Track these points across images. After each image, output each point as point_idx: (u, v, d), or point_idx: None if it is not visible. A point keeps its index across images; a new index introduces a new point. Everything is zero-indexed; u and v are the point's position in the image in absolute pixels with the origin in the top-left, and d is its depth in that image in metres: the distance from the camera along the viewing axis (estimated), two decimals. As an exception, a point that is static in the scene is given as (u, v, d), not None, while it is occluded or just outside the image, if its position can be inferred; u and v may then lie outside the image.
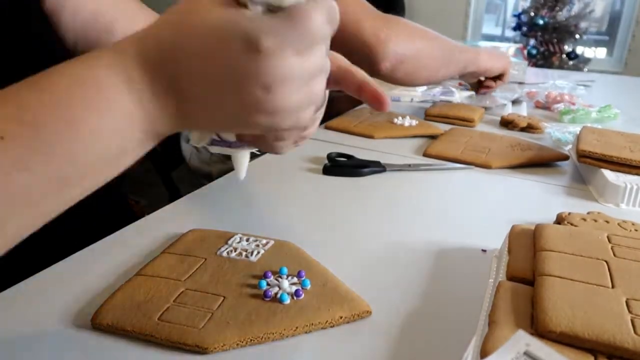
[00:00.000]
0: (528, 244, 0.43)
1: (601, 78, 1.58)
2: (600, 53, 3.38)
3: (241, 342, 0.35)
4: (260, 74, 0.28)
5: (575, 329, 0.31)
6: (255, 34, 0.27)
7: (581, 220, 0.50)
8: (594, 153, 0.65)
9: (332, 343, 0.36)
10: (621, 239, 0.42)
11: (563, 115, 1.01)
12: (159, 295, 0.39)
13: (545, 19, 2.97)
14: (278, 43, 0.27)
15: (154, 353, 0.35)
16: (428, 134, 0.87)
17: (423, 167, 0.71)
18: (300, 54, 0.29)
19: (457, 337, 0.37)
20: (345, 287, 0.40)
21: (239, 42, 0.27)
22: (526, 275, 0.39)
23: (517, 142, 0.80)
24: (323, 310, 0.38)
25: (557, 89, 1.22)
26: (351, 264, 0.46)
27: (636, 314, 0.33)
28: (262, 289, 0.39)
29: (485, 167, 0.72)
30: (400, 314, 0.39)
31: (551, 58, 3.01)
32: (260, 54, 0.27)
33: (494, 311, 0.35)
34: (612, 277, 0.36)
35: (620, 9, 3.25)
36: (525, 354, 0.29)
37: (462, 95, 1.14)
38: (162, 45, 0.29)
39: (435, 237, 0.52)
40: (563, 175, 0.71)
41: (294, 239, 0.48)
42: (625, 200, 0.61)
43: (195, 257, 0.44)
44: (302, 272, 0.41)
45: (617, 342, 0.30)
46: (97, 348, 0.35)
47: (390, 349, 0.36)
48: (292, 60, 0.28)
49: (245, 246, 0.46)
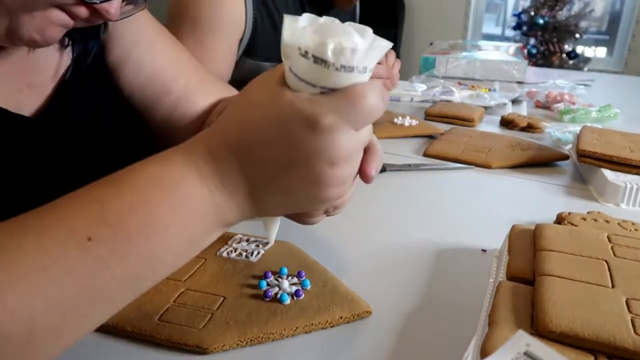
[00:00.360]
0: (528, 244, 0.43)
1: (601, 77, 1.58)
2: (600, 52, 3.38)
3: (241, 342, 0.35)
4: (323, 150, 0.29)
5: (575, 329, 0.31)
6: (314, 113, 0.28)
7: (581, 220, 0.50)
8: (594, 153, 0.65)
9: (332, 343, 0.36)
10: (621, 238, 0.42)
11: (563, 115, 1.01)
12: (159, 296, 0.39)
13: (546, 19, 2.97)
14: (337, 120, 0.28)
15: (154, 353, 0.35)
16: (428, 134, 0.87)
17: (423, 167, 0.71)
18: (357, 129, 0.30)
19: (457, 337, 0.37)
20: (345, 287, 0.40)
21: (300, 122, 0.28)
22: (526, 275, 0.39)
23: (517, 142, 0.80)
24: (323, 311, 0.38)
25: (557, 88, 1.22)
26: (351, 264, 0.46)
27: (636, 313, 0.33)
28: (262, 289, 0.39)
29: (485, 167, 0.72)
30: (400, 314, 0.39)
31: (551, 57, 3.01)
32: (322, 131, 0.28)
33: (494, 311, 0.35)
34: (612, 277, 0.36)
35: (620, 9, 3.25)
36: (526, 354, 0.29)
37: (462, 94, 1.14)
38: (227, 140, 0.31)
39: (435, 237, 0.52)
40: (563, 175, 0.71)
41: (294, 239, 0.48)
42: (625, 200, 0.61)
43: (196, 258, 0.44)
44: (302, 273, 0.41)
45: (617, 342, 0.30)
46: (97, 348, 0.35)
47: (390, 349, 0.36)
48: (351, 135, 0.30)
49: (245, 246, 0.46)
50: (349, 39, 0.28)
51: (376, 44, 0.29)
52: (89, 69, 0.52)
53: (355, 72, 0.28)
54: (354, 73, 0.28)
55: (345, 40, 0.28)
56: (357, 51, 0.27)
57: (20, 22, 0.39)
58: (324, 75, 0.28)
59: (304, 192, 0.31)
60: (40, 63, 0.49)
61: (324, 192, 0.31)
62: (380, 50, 0.29)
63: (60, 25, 0.41)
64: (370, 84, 0.30)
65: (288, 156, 0.29)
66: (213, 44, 0.83)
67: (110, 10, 0.41)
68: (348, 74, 0.28)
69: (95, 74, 0.54)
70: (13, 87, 0.47)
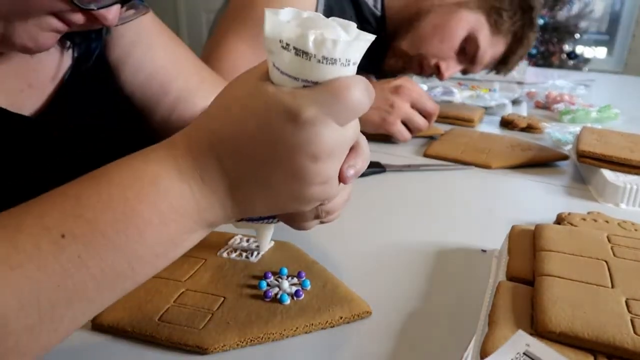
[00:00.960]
0: (528, 244, 0.43)
1: (601, 78, 1.58)
2: (600, 53, 3.38)
3: (241, 342, 0.35)
4: (305, 144, 0.28)
5: (575, 329, 0.31)
6: (296, 105, 0.27)
7: (581, 220, 0.50)
8: (593, 153, 0.65)
9: (332, 343, 0.36)
10: (621, 239, 0.42)
11: (563, 115, 1.01)
12: (159, 296, 0.39)
13: (545, 19, 2.97)
14: (318, 113, 0.28)
15: (154, 354, 0.35)
16: (428, 134, 0.87)
17: (423, 168, 0.71)
18: (341, 124, 0.29)
19: (457, 337, 0.37)
20: (345, 288, 0.40)
21: (280, 115, 0.28)
22: (526, 276, 0.39)
23: (517, 142, 0.80)
24: (323, 311, 0.38)
25: (557, 88, 1.23)
26: (351, 264, 0.46)
27: (636, 313, 0.33)
28: (262, 290, 0.39)
29: (485, 167, 0.72)
30: (400, 314, 0.39)
31: (551, 58, 3.01)
32: (303, 124, 0.28)
33: (494, 311, 0.35)
34: (611, 277, 0.37)
35: (620, 9, 3.25)
36: (525, 354, 0.29)
37: (463, 95, 1.14)
38: (208, 135, 0.30)
39: (435, 237, 0.52)
40: (563, 175, 0.71)
41: (294, 240, 0.48)
42: (625, 200, 0.61)
43: (196, 258, 0.44)
44: (302, 273, 0.41)
45: (617, 342, 0.30)
46: (98, 349, 0.35)
47: (390, 349, 0.36)
48: (335, 129, 0.29)
49: (246, 247, 0.46)
50: (332, 31, 0.27)
51: (360, 37, 0.28)
52: (90, 69, 0.52)
53: (338, 64, 0.28)
54: (337, 66, 0.28)
55: (328, 32, 0.27)
56: (338, 42, 0.27)
57: (13, 28, 0.38)
58: (306, 68, 0.28)
59: (287, 188, 0.30)
60: (41, 63, 0.49)
61: (307, 189, 0.30)
62: (364, 43, 0.28)
63: (54, 32, 0.40)
64: (355, 77, 0.29)
65: (269, 150, 0.29)
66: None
67: (108, 16, 0.40)
68: (331, 67, 0.28)
69: (96, 75, 0.54)
70: (14, 87, 0.47)
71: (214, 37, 0.87)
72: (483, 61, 0.99)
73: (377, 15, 0.99)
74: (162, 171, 0.29)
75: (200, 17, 3.54)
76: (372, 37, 0.28)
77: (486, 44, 0.96)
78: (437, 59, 0.98)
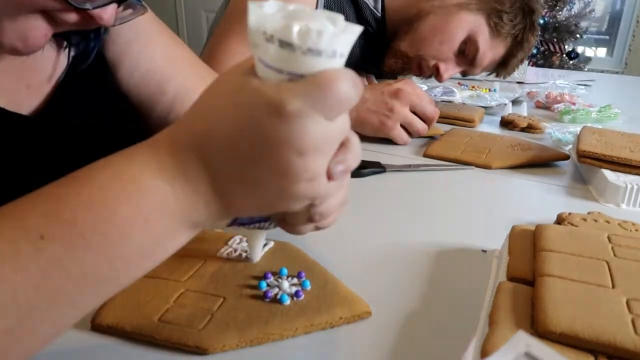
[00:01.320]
0: (528, 244, 0.43)
1: (601, 78, 1.58)
2: (601, 52, 3.39)
3: (241, 343, 0.35)
4: (290, 138, 0.27)
5: (575, 330, 0.31)
6: (279, 98, 0.26)
7: (581, 221, 0.50)
8: (594, 153, 0.65)
9: (332, 344, 0.36)
10: (621, 239, 0.42)
11: (563, 115, 1.01)
12: (159, 297, 0.39)
13: (546, 19, 2.97)
14: (303, 106, 0.26)
15: (154, 354, 0.35)
16: (428, 135, 0.87)
17: (423, 168, 0.71)
18: (328, 118, 0.28)
19: (457, 337, 0.37)
20: (345, 288, 0.40)
21: (264, 109, 0.27)
22: (526, 276, 0.39)
23: (517, 142, 0.80)
24: (323, 311, 0.37)
25: (557, 88, 1.23)
26: (351, 265, 0.46)
27: (636, 314, 0.32)
28: (262, 290, 0.39)
29: (485, 168, 0.72)
30: (400, 314, 0.39)
31: (551, 57, 3.01)
32: (287, 117, 0.26)
33: (494, 311, 0.35)
34: (612, 277, 0.36)
35: (621, 9, 3.26)
36: (526, 354, 0.29)
37: (463, 95, 1.14)
38: (191, 131, 0.29)
39: (435, 237, 0.52)
40: (563, 175, 0.71)
41: (294, 240, 0.47)
42: (625, 200, 0.61)
43: (195, 258, 0.44)
44: (302, 273, 0.41)
45: (618, 343, 0.30)
46: (97, 349, 0.35)
47: (390, 350, 0.36)
48: (321, 123, 0.27)
49: (245, 247, 0.46)
50: (317, 22, 0.26)
51: (347, 29, 0.27)
52: (89, 68, 0.52)
53: (324, 56, 0.27)
54: (323, 58, 0.27)
55: (314, 23, 0.26)
56: (324, 33, 0.26)
57: (2, 28, 0.37)
58: (290, 60, 0.27)
59: (273, 185, 0.29)
60: (39, 63, 0.49)
61: (294, 186, 0.29)
62: (350, 35, 0.27)
63: (45, 32, 0.39)
64: (341, 70, 0.28)
65: (254, 146, 0.28)
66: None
67: (103, 16, 0.39)
68: (316, 59, 0.27)
69: (94, 74, 0.53)
70: (12, 87, 0.47)
71: (214, 38, 0.87)
72: (482, 63, 0.99)
73: (377, 16, 0.99)
74: (144, 170, 0.28)
75: (200, 17, 3.54)
76: (360, 29, 0.27)
77: (486, 46, 0.96)
78: (436, 60, 0.98)
